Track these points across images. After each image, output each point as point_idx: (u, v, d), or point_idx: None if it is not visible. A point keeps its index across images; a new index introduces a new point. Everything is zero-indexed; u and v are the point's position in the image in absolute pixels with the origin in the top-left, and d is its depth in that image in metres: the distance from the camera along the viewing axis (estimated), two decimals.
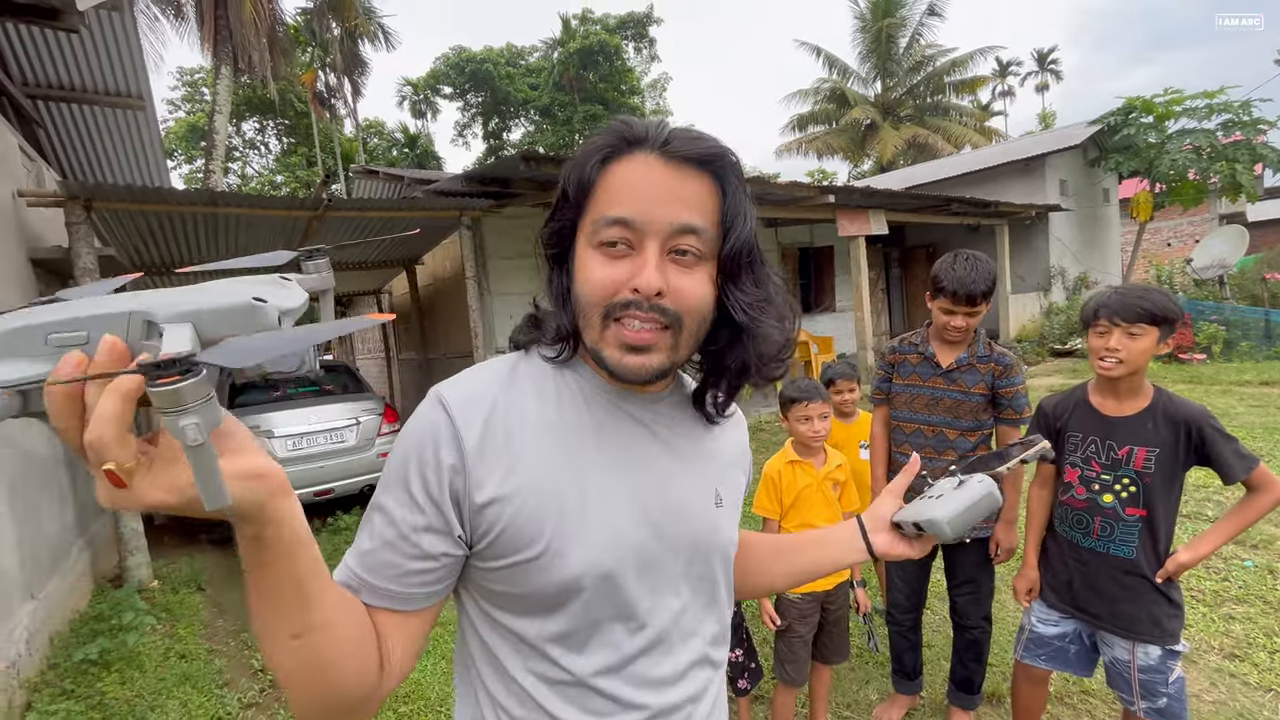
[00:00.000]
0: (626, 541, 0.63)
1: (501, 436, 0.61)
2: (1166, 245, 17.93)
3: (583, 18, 28.51)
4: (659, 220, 0.59)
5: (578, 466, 0.62)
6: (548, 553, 0.60)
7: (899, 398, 2.06)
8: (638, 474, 0.65)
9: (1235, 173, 10.13)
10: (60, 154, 6.23)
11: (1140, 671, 1.55)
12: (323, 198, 4.77)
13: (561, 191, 0.64)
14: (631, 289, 0.59)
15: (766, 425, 6.53)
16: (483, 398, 0.63)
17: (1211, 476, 4.05)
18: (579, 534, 0.60)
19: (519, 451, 0.61)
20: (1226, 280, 10.24)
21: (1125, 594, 1.57)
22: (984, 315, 1.90)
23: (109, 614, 3.38)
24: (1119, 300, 1.51)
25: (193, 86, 25.06)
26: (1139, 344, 1.48)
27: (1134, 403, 1.56)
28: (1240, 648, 2.38)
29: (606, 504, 0.63)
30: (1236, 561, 3.02)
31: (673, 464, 0.68)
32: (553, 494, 0.61)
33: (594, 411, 0.66)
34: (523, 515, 0.59)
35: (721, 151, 0.61)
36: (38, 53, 4.65)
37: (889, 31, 22.15)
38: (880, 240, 11.40)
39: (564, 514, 0.60)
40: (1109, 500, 1.58)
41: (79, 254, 3.84)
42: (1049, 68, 40.73)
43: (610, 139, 0.62)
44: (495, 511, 0.59)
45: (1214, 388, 6.88)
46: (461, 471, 0.59)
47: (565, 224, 0.64)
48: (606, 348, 0.61)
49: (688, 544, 0.67)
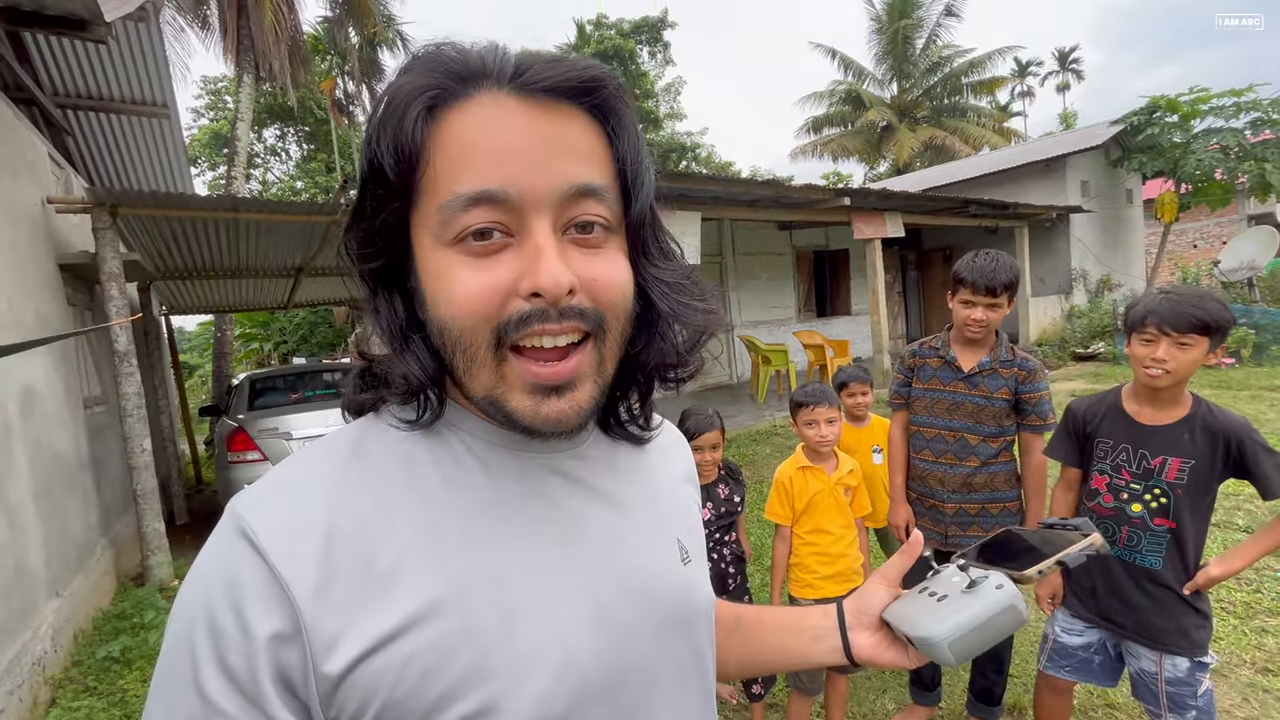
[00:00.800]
0: (585, 656, 0.43)
1: (357, 561, 0.39)
2: (1193, 247, 17.54)
3: (597, 23, 28.67)
4: (541, 185, 0.40)
5: (494, 568, 0.42)
6: (477, 711, 0.39)
7: (919, 402, 2.03)
8: (580, 554, 0.46)
9: (1265, 172, 9.86)
10: (88, 162, 6.39)
11: (1168, 684, 1.50)
12: (341, 203, 4.84)
13: (370, 171, 0.42)
14: (528, 294, 0.40)
15: (781, 430, 6.48)
16: (310, 512, 0.40)
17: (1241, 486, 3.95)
18: (511, 668, 0.40)
19: (394, 572, 0.40)
20: (1256, 282, 9.98)
21: (1152, 604, 1.53)
22: (1005, 313, 1.86)
23: (131, 612, 3.44)
24: (1170, 308, 1.40)
25: (215, 95, 25.61)
26: (1188, 355, 1.39)
27: (1172, 412, 1.49)
28: (1273, 662, 2.30)
29: (543, 612, 0.43)
30: (1269, 573, 2.93)
31: (621, 524, 0.50)
32: (464, 620, 0.40)
33: (498, 480, 0.46)
34: (418, 666, 0.38)
35: (601, 75, 0.42)
36: (67, 63, 4.78)
37: (905, 33, 21.95)
38: (896, 243, 11.29)
39: (483, 647, 0.40)
40: (1137, 510, 1.52)
41: (104, 259, 3.93)
42: (1070, 67, 40.14)
43: (431, 78, 0.41)
44: (369, 676, 0.38)
45: (1243, 393, 6.70)
46: (294, 638, 0.37)
47: (388, 218, 0.43)
48: (511, 395, 0.42)
49: (667, 627, 0.49)
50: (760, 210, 7.42)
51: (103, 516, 4.15)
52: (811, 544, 1.95)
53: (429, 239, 0.42)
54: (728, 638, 0.65)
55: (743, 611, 0.67)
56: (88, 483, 3.94)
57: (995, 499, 1.93)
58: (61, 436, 3.57)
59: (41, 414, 3.31)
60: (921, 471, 2.02)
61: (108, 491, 4.35)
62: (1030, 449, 1.90)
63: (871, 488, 2.29)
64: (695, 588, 0.53)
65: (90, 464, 4.03)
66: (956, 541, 1.97)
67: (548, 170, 0.40)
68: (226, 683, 0.37)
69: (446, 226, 0.40)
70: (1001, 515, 1.94)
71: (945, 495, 1.97)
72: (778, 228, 10.52)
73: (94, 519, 3.96)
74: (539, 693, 0.41)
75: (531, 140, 0.40)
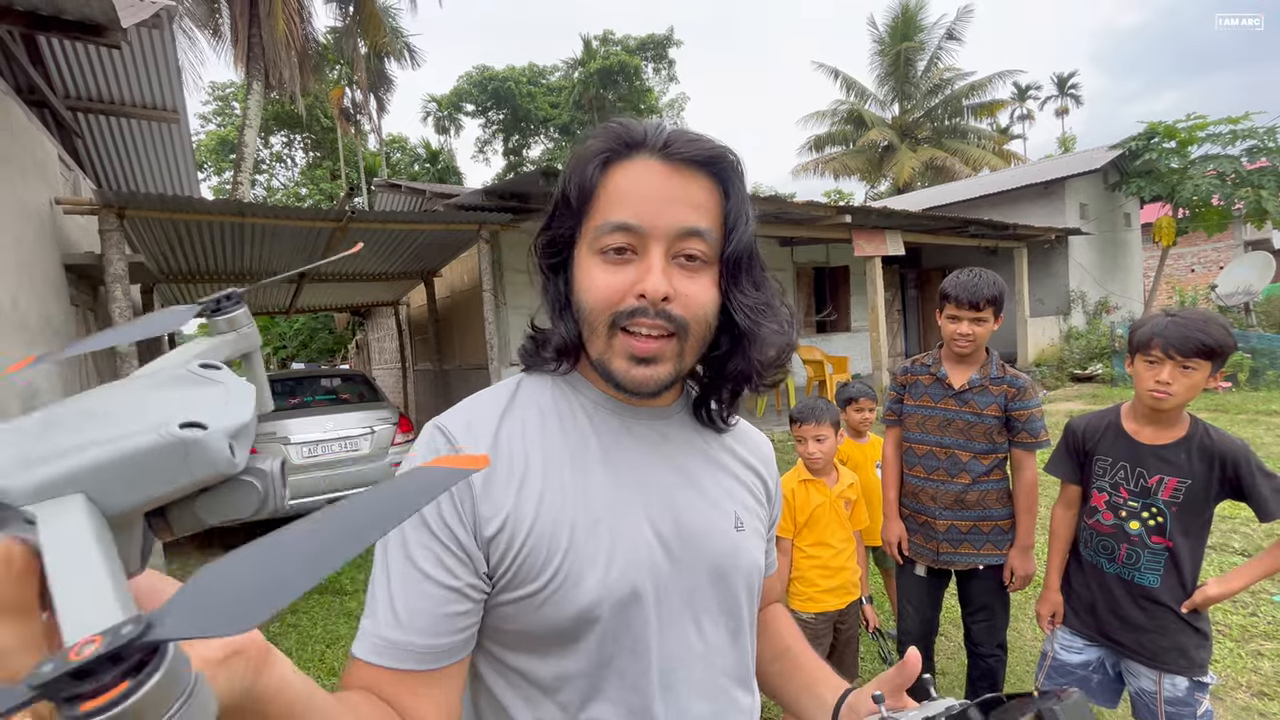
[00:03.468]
0: (642, 564, 0.59)
1: (506, 463, 0.58)
2: (1190, 271, 17.66)
3: (604, 39, 29.05)
4: (663, 224, 0.57)
5: (587, 488, 0.60)
6: (562, 580, 0.56)
7: (911, 419, 2.03)
8: (649, 494, 0.62)
9: (1261, 199, 9.98)
10: (96, 164, 6.45)
11: (1167, 704, 1.49)
12: (346, 210, 4.88)
13: (560, 198, 0.62)
14: (637, 295, 0.57)
15: (780, 444, 6.48)
16: (484, 425, 0.61)
17: (1239, 508, 3.95)
18: (592, 558, 0.57)
19: (525, 477, 0.58)
20: (1253, 307, 10.05)
21: (1150, 622, 1.53)
22: (991, 328, 1.87)
23: None
24: (1177, 332, 1.40)
25: (224, 101, 25.86)
26: (1192, 379, 1.41)
27: (1171, 432, 1.50)
28: (1269, 685, 2.29)
29: (619, 526, 0.59)
30: (1265, 596, 2.93)
31: (684, 483, 0.65)
32: (563, 518, 0.57)
33: (600, 430, 0.63)
34: (534, 543, 0.56)
35: (722, 152, 0.59)
36: (80, 67, 4.84)
37: (907, 55, 22.26)
38: (896, 261, 11.37)
39: (575, 539, 0.57)
40: (1136, 528, 1.53)
41: (110, 260, 3.95)
42: (1069, 92, 40.65)
43: (609, 142, 0.60)
44: (506, 540, 0.56)
45: (1240, 416, 6.72)
46: (470, 501, 0.56)
47: (564, 231, 0.62)
48: (614, 359, 0.59)
49: (707, 569, 0.63)
50: (762, 226, 7.35)
51: None
52: (813, 557, 1.95)
53: (585, 247, 0.61)
54: (773, 662, 0.76)
55: (793, 646, 0.77)
56: None
57: (987, 517, 1.93)
58: None
59: None
60: (914, 488, 2.03)
61: None
62: (1021, 466, 1.90)
63: (872, 504, 2.29)
64: (741, 550, 0.66)
65: None
66: (948, 559, 1.96)
67: (669, 214, 0.57)
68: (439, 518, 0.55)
69: (596, 241, 0.59)
70: (993, 533, 1.93)
71: (937, 512, 1.96)
72: (779, 243, 10.59)
73: None
74: (608, 579, 0.57)
75: (663, 192, 0.58)
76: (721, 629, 0.64)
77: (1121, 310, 12.33)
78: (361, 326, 16.54)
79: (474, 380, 7.44)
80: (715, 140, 0.60)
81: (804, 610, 1.95)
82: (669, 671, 0.60)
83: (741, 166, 0.61)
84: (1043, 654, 1.76)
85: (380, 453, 5.10)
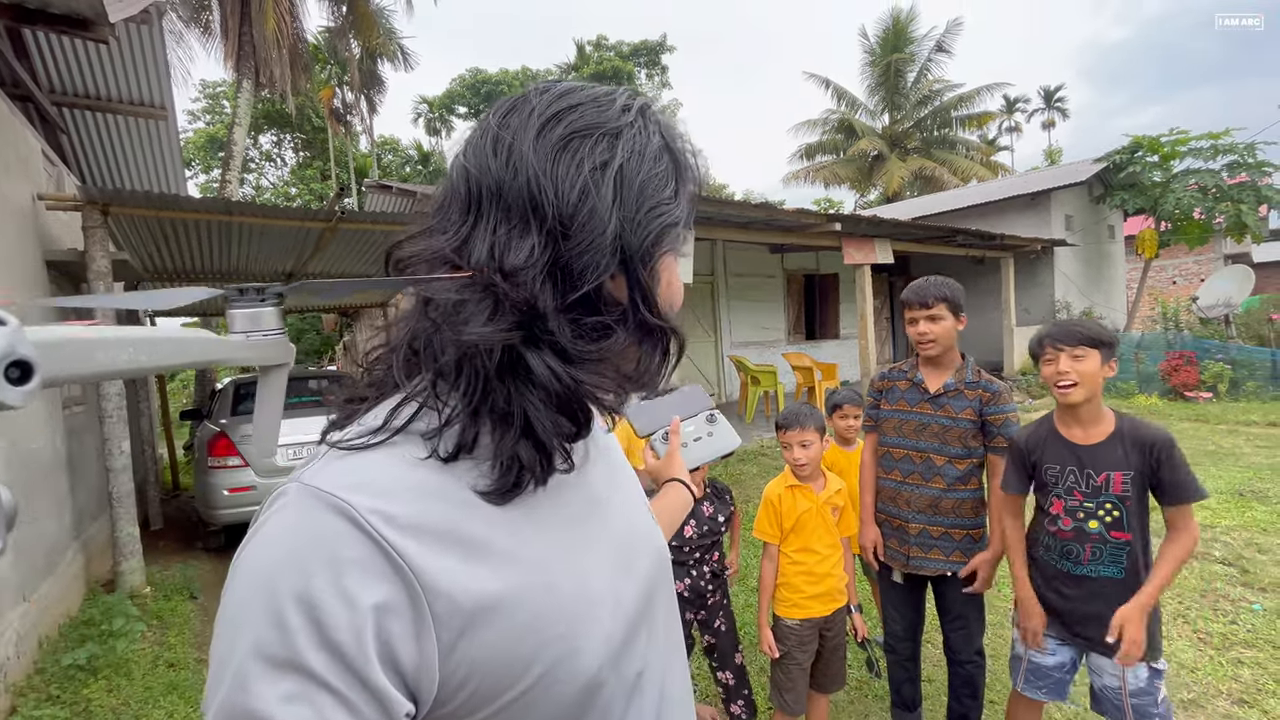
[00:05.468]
0: (626, 597, 0.51)
1: (454, 535, 0.42)
2: (1172, 283, 17.96)
3: (597, 44, 29.14)
4: None
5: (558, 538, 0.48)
6: (562, 657, 0.44)
7: (887, 423, 2.07)
8: (606, 519, 0.54)
9: (1240, 214, 10.18)
10: (81, 160, 6.35)
11: (1132, 695, 1.58)
12: (336, 210, 4.84)
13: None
14: None
15: (768, 450, 6.50)
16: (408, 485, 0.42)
17: (1219, 518, 4.00)
18: (584, 616, 0.46)
19: (485, 547, 0.43)
20: (1232, 319, 10.23)
21: (1105, 611, 1.59)
22: (949, 325, 1.91)
23: (100, 619, 3.35)
24: (1059, 329, 1.64)
25: (213, 99, 25.60)
26: (1084, 365, 1.58)
27: (1099, 429, 1.62)
28: (1249, 693, 2.32)
29: (596, 568, 0.49)
30: (1245, 605, 2.97)
31: (617, 493, 0.57)
32: (551, 577, 0.45)
33: None
34: (521, 623, 0.42)
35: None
36: (65, 61, 4.77)
37: (898, 66, 22.52)
38: (885, 269, 11.46)
39: (564, 604, 0.45)
40: (1095, 526, 1.61)
41: (94, 257, 3.89)
42: (1055, 105, 41.31)
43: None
44: (483, 640, 0.40)
45: (1220, 426, 6.83)
46: (403, 609, 0.38)
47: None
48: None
49: (655, 574, 0.56)
50: (753, 232, 7.51)
51: (75, 519, 4.05)
52: (799, 563, 1.95)
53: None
54: None
55: None
56: (61, 484, 3.85)
57: (959, 525, 1.95)
58: (38, 435, 3.49)
59: (18, 411, 3.24)
60: (890, 492, 2.06)
61: (82, 494, 4.25)
62: (996, 471, 1.92)
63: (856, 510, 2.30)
64: (655, 530, 0.62)
65: (65, 465, 3.94)
66: (919, 563, 1.98)
67: None
68: (330, 658, 0.35)
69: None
70: (964, 541, 1.95)
71: (910, 516, 1.99)
72: (769, 250, 10.64)
73: (66, 521, 3.86)
74: (605, 632, 0.47)
75: None
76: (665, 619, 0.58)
77: (1105, 320, 12.49)
78: (350, 328, 16.41)
79: None
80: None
81: (789, 616, 1.95)
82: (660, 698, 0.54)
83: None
84: (1015, 657, 1.80)
85: None
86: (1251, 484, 4.68)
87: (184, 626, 3.49)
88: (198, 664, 3.09)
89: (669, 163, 0.49)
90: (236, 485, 4.66)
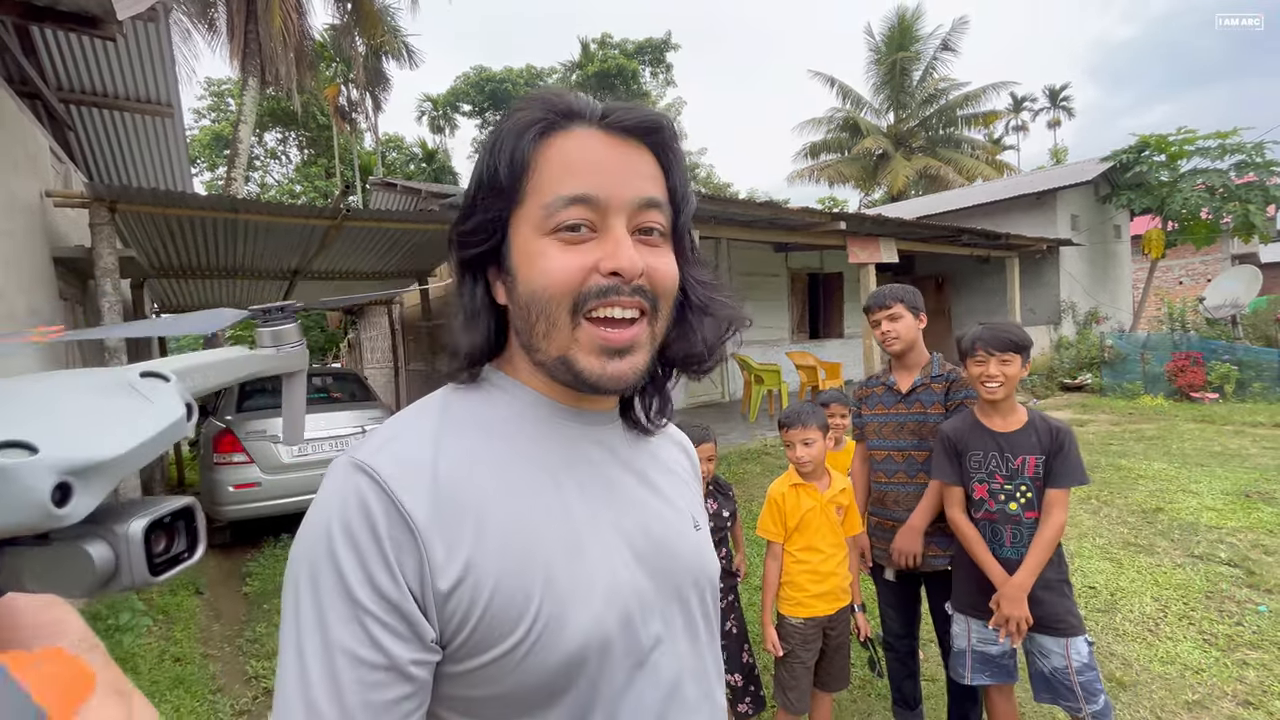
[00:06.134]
0: (626, 588, 0.53)
1: (456, 497, 0.49)
2: (1178, 283, 17.86)
3: (602, 42, 29.12)
4: (622, 194, 0.51)
5: (554, 514, 0.52)
6: (543, 628, 0.48)
7: (869, 427, 2.17)
8: (618, 508, 0.56)
9: (1248, 213, 10.12)
10: (88, 157, 6.39)
11: (1078, 673, 1.68)
12: (341, 207, 4.85)
13: (487, 176, 0.54)
14: (608, 272, 0.50)
15: (771, 449, 6.49)
16: (419, 456, 0.50)
17: (1224, 519, 3.99)
18: (573, 592, 0.50)
19: (482, 512, 0.49)
20: (1239, 320, 10.17)
21: (1041, 593, 1.72)
22: (912, 324, 2.04)
23: (106, 614, 3.37)
24: (990, 335, 1.79)
25: (218, 97, 25.69)
26: (1009, 369, 1.77)
27: (1016, 418, 1.81)
28: (1254, 695, 2.31)
29: (595, 551, 0.53)
30: (1250, 606, 2.96)
31: (644, 490, 0.60)
32: (535, 555, 0.49)
33: (556, 443, 0.56)
34: (505, 591, 0.47)
35: (661, 121, 0.55)
36: (73, 59, 4.80)
37: (903, 64, 22.42)
38: (890, 269, 11.42)
39: (552, 576, 0.49)
40: (1014, 508, 1.77)
41: (100, 254, 3.91)
42: (1061, 104, 41.09)
43: (543, 112, 0.53)
44: (469, 593, 0.47)
45: (1226, 427, 6.79)
46: (415, 549, 0.46)
47: (494, 214, 0.54)
48: (582, 355, 0.51)
49: (684, 579, 0.59)
50: (757, 231, 7.50)
51: None
52: (803, 561, 1.95)
53: (528, 229, 0.53)
54: None
55: None
56: None
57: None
58: None
59: None
60: (879, 494, 2.14)
61: None
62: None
63: None
64: (704, 550, 0.63)
65: None
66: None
67: (627, 184, 0.52)
68: (367, 583, 0.45)
69: (547, 220, 0.51)
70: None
71: (901, 515, 2.05)
72: (774, 249, 10.62)
73: None
74: (594, 614, 0.50)
75: (617, 162, 0.53)
76: (701, 636, 0.61)
77: (1111, 321, 12.44)
78: (354, 325, 16.45)
79: None
80: (652, 109, 0.55)
81: (793, 615, 1.95)
82: (666, 697, 0.55)
83: (678, 137, 0.57)
84: (960, 651, 1.87)
85: None
86: (1258, 485, 4.65)
87: (189, 621, 3.51)
88: (203, 659, 3.11)
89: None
90: (241, 481, 4.68)
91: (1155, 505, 4.39)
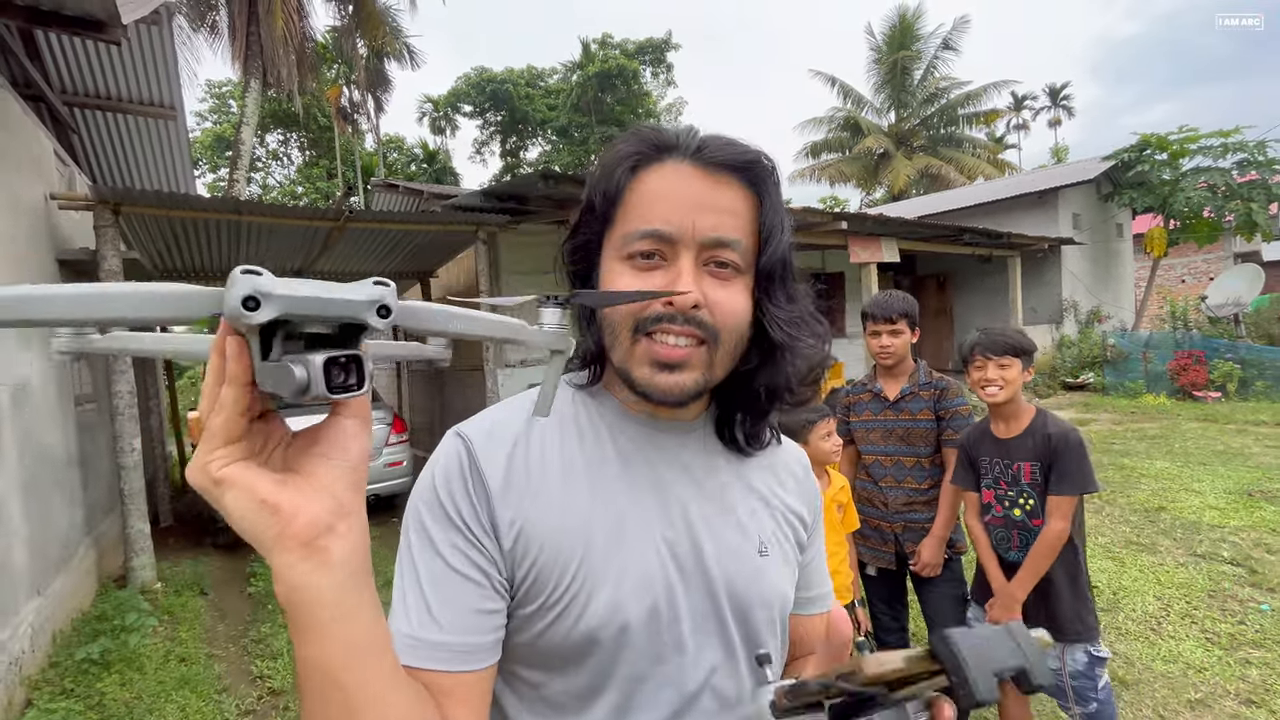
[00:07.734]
0: (656, 583, 0.57)
1: (524, 473, 0.57)
2: (1181, 282, 17.81)
3: (602, 42, 29.12)
4: (693, 231, 0.55)
5: (602, 502, 0.58)
6: (572, 598, 0.55)
7: (857, 433, 2.21)
8: (666, 509, 0.60)
9: (1251, 212, 10.10)
10: (92, 160, 6.41)
11: (1071, 677, 1.68)
12: (343, 209, 4.87)
13: (587, 203, 0.61)
14: (664, 301, 0.55)
15: None
16: (504, 434, 0.59)
17: (1227, 518, 3.99)
18: (604, 576, 0.56)
19: (541, 488, 0.57)
20: (1242, 319, 10.15)
21: (1050, 598, 1.72)
22: (909, 339, 2.07)
23: (112, 614, 3.39)
24: (988, 339, 1.81)
25: (220, 99, 25.75)
26: (1009, 373, 1.77)
27: (1018, 424, 1.81)
28: (1257, 693, 2.32)
29: (632, 543, 0.57)
30: (1253, 605, 2.96)
31: (705, 500, 0.62)
32: (577, 532, 0.56)
33: (619, 442, 0.61)
34: (548, 555, 0.55)
35: (757, 157, 0.58)
36: (77, 62, 4.81)
37: (904, 64, 22.40)
38: (891, 268, 11.41)
39: (589, 554, 0.56)
40: (1019, 514, 1.78)
41: (104, 256, 3.93)
42: (1061, 103, 41.01)
43: (639, 146, 0.58)
44: (521, 550, 0.55)
45: (1229, 426, 6.78)
46: (487, 505, 0.56)
47: (591, 237, 0.61)
48: (636, 366, 0.57)
49: (724, 592, 0.60)
50: None
51: (87, 515, 4.10)
52: None
53: (611, 253, 0.59)
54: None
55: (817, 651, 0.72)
56: (74, 480, 3.90)
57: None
58: (51, 432, 3.54)
59: (33, 408, 3.29)
60: (867, 494, 2.19)
61: (94, 490, 4.30)
62: (949, 463, 2.03)
63: None
64: (765, 577, 0.63)
65: (78, 461, 3.99)
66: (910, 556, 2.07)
67: (700, 221, 0.56)
68: (472, 516, 0.56)
69: (625, 247, 0.58)
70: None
71: (892, 516, 2.11)
72: None
73: (79, 517, 3.91)
74: (620, 598, 0.56)
75: (694, 199, 0.56)
76: (739, 657, 0.60)
77: (1113, 320, 12.42)
78: None
79: (469, 382, 7.41)
80: (750, 145, 0.58)
81: None
82: (685, 702, 0.57)
83: (777, 173, 0.60)
84: None
85: (375, 452, 5.08)
86: (1260, 484, 4.65)
87: (195, 621, 3.53)
88: (208, 659, 3.12)
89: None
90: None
91: (1158, 504, 4.39)
